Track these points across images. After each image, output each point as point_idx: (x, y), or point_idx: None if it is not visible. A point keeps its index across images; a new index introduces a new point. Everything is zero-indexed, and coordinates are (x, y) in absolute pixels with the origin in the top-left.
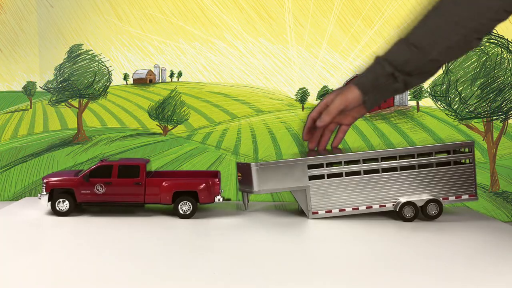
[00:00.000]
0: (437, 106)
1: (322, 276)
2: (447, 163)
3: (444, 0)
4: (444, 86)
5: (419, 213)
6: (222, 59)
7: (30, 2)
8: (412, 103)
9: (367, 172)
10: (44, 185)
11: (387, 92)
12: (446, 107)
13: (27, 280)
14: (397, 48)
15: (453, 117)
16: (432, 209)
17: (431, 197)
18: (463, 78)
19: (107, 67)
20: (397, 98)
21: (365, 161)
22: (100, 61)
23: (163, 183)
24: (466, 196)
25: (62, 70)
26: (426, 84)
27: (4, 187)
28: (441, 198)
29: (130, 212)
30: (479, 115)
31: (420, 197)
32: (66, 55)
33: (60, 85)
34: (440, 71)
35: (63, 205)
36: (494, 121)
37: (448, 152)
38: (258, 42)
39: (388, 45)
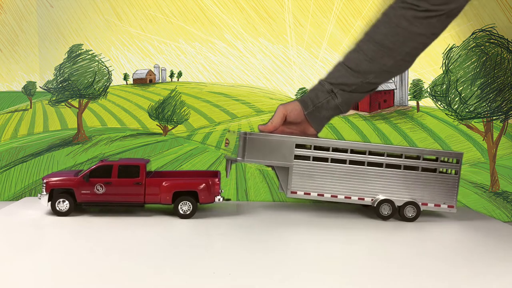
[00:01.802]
0: (437, 106)
1: (322, 276)
2: (433, 170)
3: (377, 26)
4: (444, 86)
5: (396, 213)
6: (222, 59)
7: (30, 2)
8: (412, 103)
9: (352, 162)
10: (44, 185)
11: (329, 110)
12: (446, 107)
13: (27, 280)
14: (337, 70)
15: (453, 117)
16: (409, 211)
17: (411, 200)
18: (463, 78)
19: (107, 67)
20: (397, 98)
21: (353, 151)
22: (100, 61)
23: (163, 183)
24: (445, 206)
25: (62, 70)
26: (426, 84)
27: (4, 187)
28: (420, 203)
29: (130, 212)
30: (479, 115)
31: (400, 198)
32: (66, 55)
33: (60, 85)
34: (440, 71)
35: (63, 205)
36: (494, 121)
37: (436, 159)
38: (258, 42)
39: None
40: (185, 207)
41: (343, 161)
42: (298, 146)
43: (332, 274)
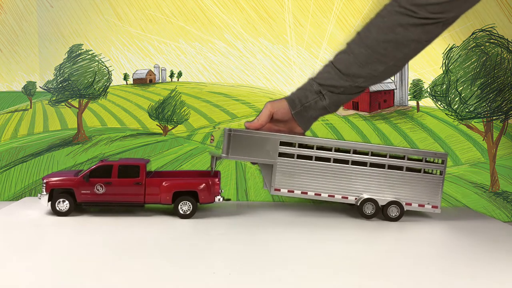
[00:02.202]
0: (437, 106)
1: (323, 276)
2: (417, 170)
3: (370, 30)
4: (444, 86)
5: (380, 213)
6: (222, 59)
7: (30, 2)
8: (412, 103)
9: (336, 161)
10: (44, 185)
11: (316, 111)
12: (446, 107)
13: (27, 280)
14: (327, 72)
15: (453, 117)
16: (393, 211)
17: (394, 199)
18: (463, 78)
19: (107, 67)
20: (397, 98)
21: (337, 150)
22: (100, 61)
23: (163, 183)
24: (429, 207)
25: (62, 70)
26: (426, 84)
27: (4, 187)
28: (404, 203)
29: (130, 212)
30: (479, 115)
31: (383, 197)
32: (66, 55)
33: (60, 85)
34: (440, 71)
35: (63, 205)
36: (494, 121)
37: (420, 159)
38: (258, 42)
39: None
40: (185, 207)
41: (327, 160)
42: (283, 143)
43: (333, 273)
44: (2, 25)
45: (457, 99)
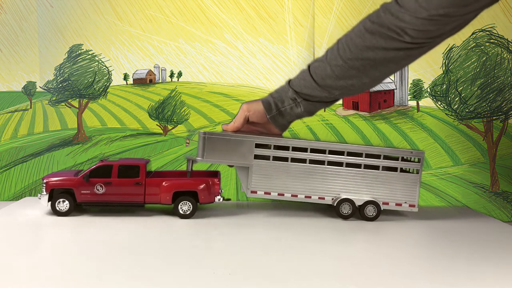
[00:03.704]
0: (437, 106)
1: (323, 276)
2: (394, 169)
3: (349, 45)
4: (444, 86)
5: (357, 213)
6: (222, 59)
7: (30, 2)
8: (412, 103)
9: (312, 162)
10: (44, 185)
11: (292, 116)
12: (446, 107)
13: (27, 280)
14: (303, 79)
15: (453, 117)
16: (370, 211)
17: (371, 199)
18: (463, 78)
19: (107, 67)
20: (397, 98)
21: (312, 150)
22: (100, 61)
23: (163, 183)
24: (406, 205)
25: (62, 70)
26: (426, 84)
27: (4, 187)
28: (381, 202)
29: (130, 212)
30: (479, 115)
31: (360, 197)
32: (66, 55)
33: (60, 85)
34: (440, 71)
35: (63, 205)
36: (494, 121)
37: (397, 158)
38: (258, 42)
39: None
40: (185, 207)
41: (303, 161)
42: (258, 145)
43: (333, 273)
44: (2, 25)
45: (457, 99)
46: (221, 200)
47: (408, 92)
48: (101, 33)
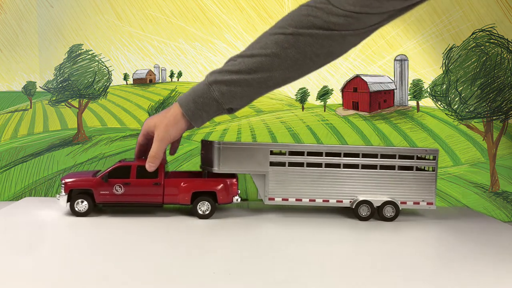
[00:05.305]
0: (437, 106)
1: (323, 276)
2: (410, 168)
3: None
4: (444, 86)
5: (375, 214)
6: (222, 59)
7: (30, 2)
8: (412, 103)
9: (328, 165)
10: (63, 185)
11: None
12: (446, 107)
13: (26, 280)
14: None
15: (453, 117)
16: (388, 211)
17: (389, 199)
18: (463, 78)
19: (107, 67)
20: (397, 98)
21: (327, 154)
22: (100, 61)
23: (182, 183)
24: (424, 204)
25: (62, 70)
26: (426, 84)
27: (4, 187)
28: (399, 202)
29: (135, 212)
30: (479, 115)
31: (378, 198)
32: (66, 55)
33: (60, 85)
34: (440, 71)
35: (82, 206)
36: (494, 121)
37: (412, 157)
38: None
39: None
40: (203, 207)
41: (318, 165)
42: (273, 152)
43: (333, 274)
44: (2, 25)
45: (457, 99)
46: (238, 200)
47: (408, 92)
48: (101, 33)
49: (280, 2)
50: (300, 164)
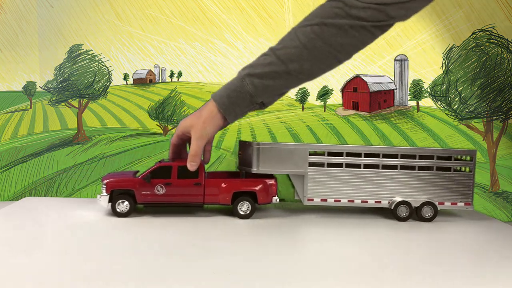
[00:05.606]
0: (437, 106)
1: (323, 276)
2: (447, 169)
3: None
4: (444, 86)
5: (414, 214)
6: (222, 59)
7: (30, 2)
8: (412, 103)
9: (367, 166)
10: (104, 186)
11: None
12: (446, 107)
13: (26, 280)
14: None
15: (453, 117)
16: (427, 212)
17: (427, 200)
18: (463, 78)
19: (107, 67)
20: (397, 98)
21: (366, 155)
22: (100, 61)
23: (222, 184)
24: (462, 204)
25: (62, 70)
26: (426, 84)
27: (4, 187)
28: (437, 202)
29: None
30: (479, 115)
31: (416, 198)
32: (66, 55)
33: (60, 85)
34: (440, 71)
35: (123, 206)
36: (494, 121)
37: (449, 158)
38: (258, 42)
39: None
40: (244, 207)
41: (357, 166)
42: (312, 153)
43: (333, 275)
44: (2, 25)
45: (457, 99)
46: (277, 200)
47: (408, 92)
48: (101, 33)
49: (280, 2)
50: (339, 165)
